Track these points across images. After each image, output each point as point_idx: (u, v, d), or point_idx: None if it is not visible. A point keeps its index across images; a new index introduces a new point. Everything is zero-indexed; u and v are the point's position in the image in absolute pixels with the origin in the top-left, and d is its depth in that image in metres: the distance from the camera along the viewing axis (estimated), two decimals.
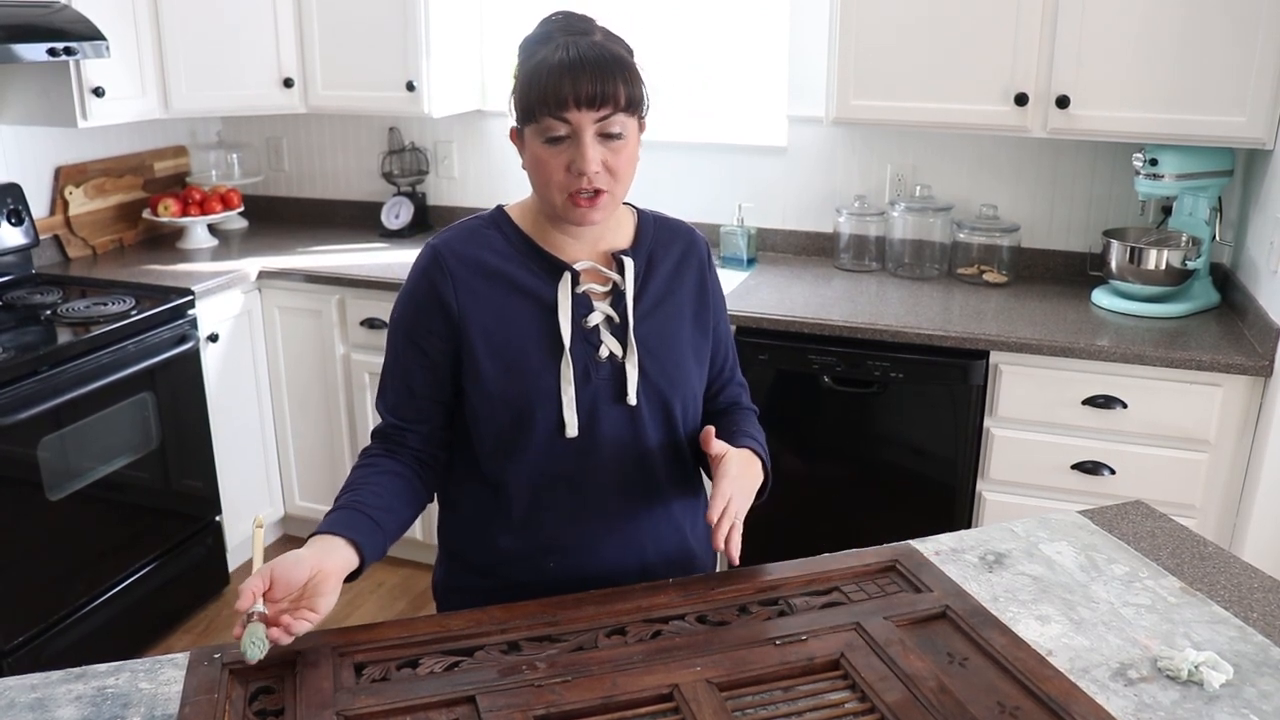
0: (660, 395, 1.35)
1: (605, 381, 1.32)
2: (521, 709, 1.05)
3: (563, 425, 1.31)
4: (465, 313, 1.31)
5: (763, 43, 3.19)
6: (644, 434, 1.35)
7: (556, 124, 1.23)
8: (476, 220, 1.37)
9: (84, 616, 2.63)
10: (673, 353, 1.36)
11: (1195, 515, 2.41)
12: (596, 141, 1.23)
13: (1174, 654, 1.17)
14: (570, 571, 1.35)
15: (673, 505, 1.41)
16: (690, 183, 3.30)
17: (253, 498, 3.22)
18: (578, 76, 1.21)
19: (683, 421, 1.39)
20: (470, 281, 1.31)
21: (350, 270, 3.08)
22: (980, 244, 2.96)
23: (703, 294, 1.42)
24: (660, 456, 1.37)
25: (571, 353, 1.30)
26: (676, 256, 1.40)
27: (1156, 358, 2.35)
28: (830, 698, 1.08)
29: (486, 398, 1.32)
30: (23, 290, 2.90)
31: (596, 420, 1.32)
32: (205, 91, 3.15)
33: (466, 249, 1.33)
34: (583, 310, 1.32)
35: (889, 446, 2.65)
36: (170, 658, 1.18)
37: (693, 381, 1.39)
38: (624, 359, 1.32)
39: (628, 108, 1.24)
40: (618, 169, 1.26)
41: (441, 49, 3.18)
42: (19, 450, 2.42)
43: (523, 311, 1.31)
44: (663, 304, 1.37)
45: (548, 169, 1.25)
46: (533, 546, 1.36)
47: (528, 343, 1.30)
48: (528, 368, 1.30)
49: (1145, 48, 2.46)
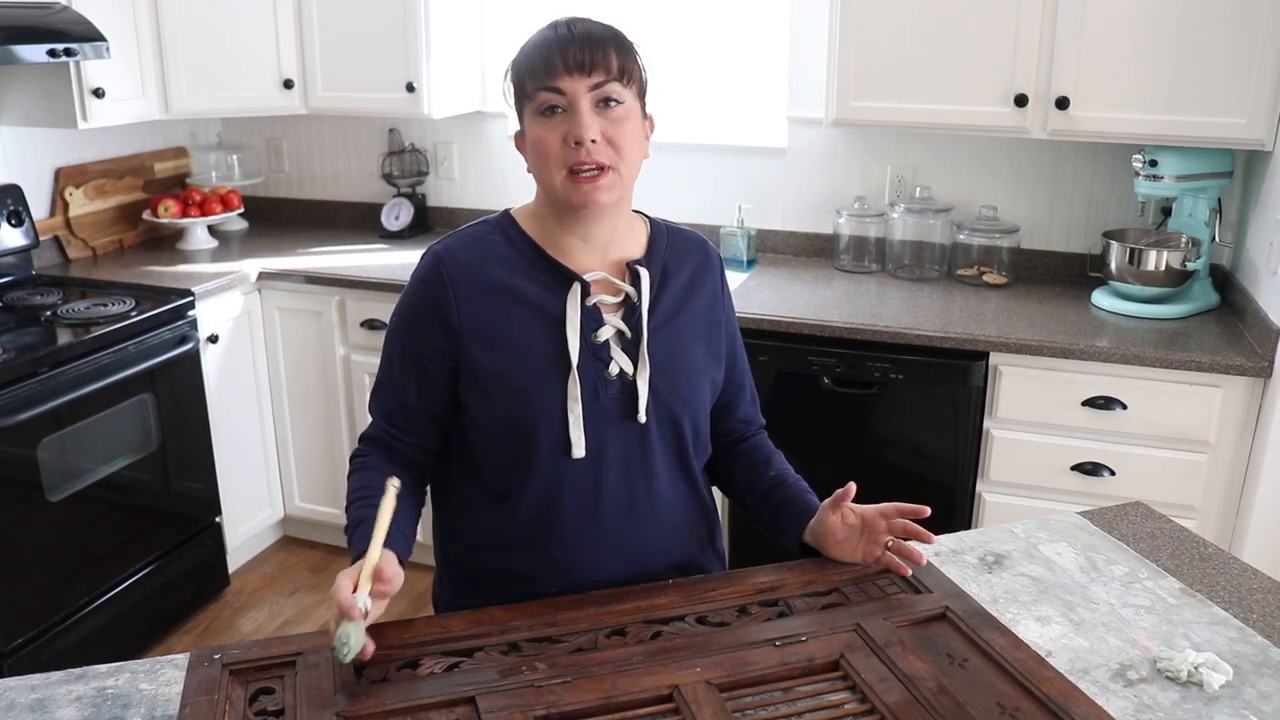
0: (671, 413, 1.30)
1: (614, 400, 1.27)
2: (522, 710, 1.05)
3: (568, 445, 1.25)
4: (466, 327, 1.26)
5: (763, 43, 3.19)
6: (652, 453, 1.30)
7: (550, 95, 1.21)
8: (482, 225, 1.32)
9: (84, 617, 2.63)
10: (684, 369, 1.32)
11: (1195, 516, 2.41)
12: (593, 110, 1.21)
13: (1174, 655, 1.17)
14: (575, 591, 1.30)
15: (680, 525, 1.37)
16: (690, 184, 3.30)
17: (253, 498, 3.23)
18: (566, 45, 1.20)
19: (692, 441, 1.35)
20: (472, 293, 1.26)
21: (350, 271, 3.08)
22: (980, 245, 2.97)
23: (715, 311, 1.38)
24: (668, 476, 1.33)
25: (579, 370, 1.25)
26: (691, 270, 1.36)
27: (1156, 359, 2.35)
28: (830, 699, 1.08)
29: (488, 415, 1.27)
30: (23, 291, 2.91)
31: (605, 440, 1.27)
32: (205, 93, 3.15)
33: (470, 257, 1.28)
34: (592, 324, 1.27)
35: (889, 447, 2.65)
36: (170, 658, 1.18)
37: (704, 400, 1.35)
38: (635, 375, 1.28)
39: (621, 76, 1.22)
40: (619, 141, 1.22)
41: (442, 50, 3.18)
42: (19, 451, 2.42)
43: (528, 325, 1.26)
44: (676, 319, 1.32)
45: (545, 145, 1.22)
46: (537, 567, 1.31)
47: (532, 359, 1.25)
48: (532, 386, 1.25)
49: (1145, 49, 2.47)
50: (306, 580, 3.24)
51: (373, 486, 1.25)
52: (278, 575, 3.27)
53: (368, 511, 1.21)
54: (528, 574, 1.32)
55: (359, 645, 1.07)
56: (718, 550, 1.47)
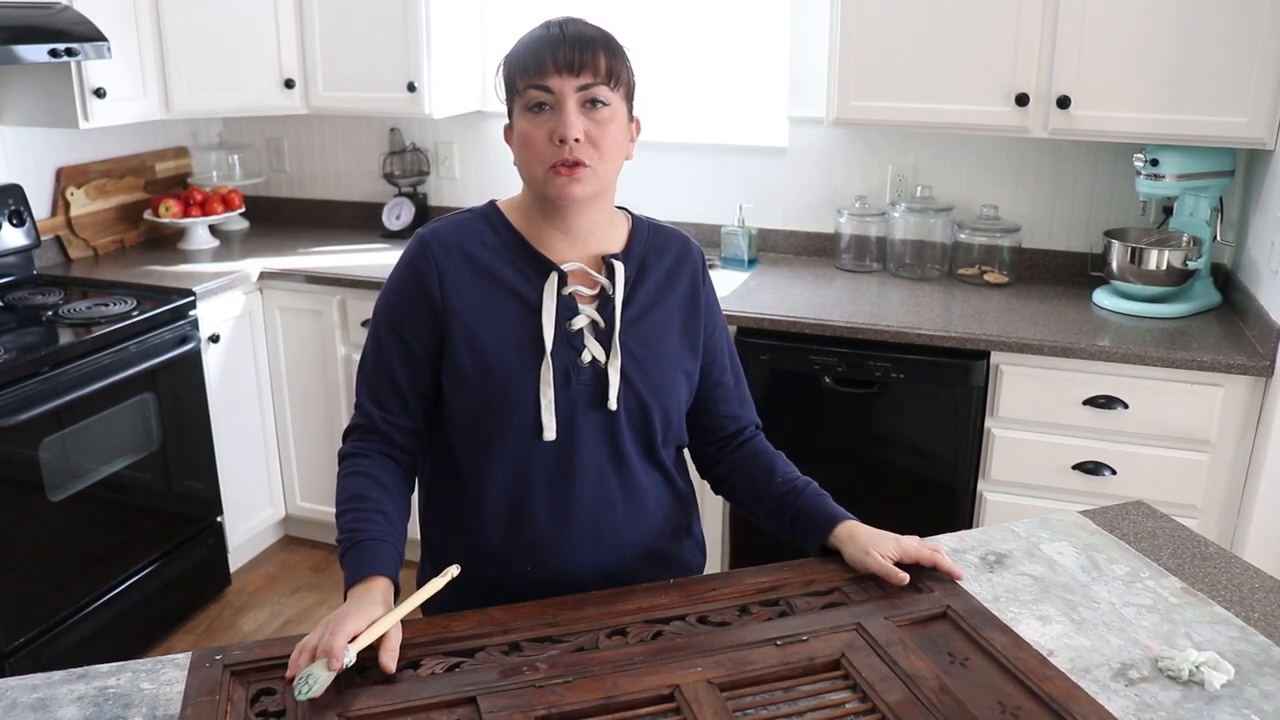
0: (641, 402, 1.33)
1: (585, 386, 1.31)
2: (522, 710, 1.05)
3: (540, 428, 1.29)
4: (449, 307, 1.30)
5: (763, 43, 3.19)
6: (623, 441, 1.33)
7: (538, 93, 1.24)
8: (468, 213, 1.37)
9: (85, 617, 2.63)
10: (657, 361, 1.35)
11: (1196, 515, 2.41)
12: (579, 110, 1.24)
13: (1175, 654, 1.17)
14: (548, 574, 1.34)
15: (652, 510, 1.39)
16: (691, 183, 3.30)
17: (254, 498, 3.23)
18: (556, 45, 1.24)
19: (661, 430, 1.37)
20: (456, 275, 1.30)
21: (351, 271, 3.08)
22: (981, 244, 2.97)
23: (694, 304, 1.40)
24: (639, 462, 1.36)
25: (553, 356, 1.29)
26: (669, 264, 1.39)
27: (1157, 358, 2.35)
28: (831, 698, 1.08)
29: (463, 395, 1.31)
30: (24, 291, 2.91)
31: (575, 425, 1.31)
32: (206, 93, 3.15)
33: (456, 242, 1.32)
34: (567, 313, 1.31)
35: (890, 447, 2.65)
36: (172, 658, 1.18)
37: (676, 392, 1.37)
38: (607, 364, 1.31)
39: (609, 78, 1.25)
40: (601, 142, 1.25)
41: (442, 50, 3.18)
42: (20, 451, 2.42)
43: (506, 309, 1.30)
44: (651, 311, 1.35)
45: (531, 141, 1.26)
46: (510, 548, 1.34)
47: (508, 342, 1.29)
48: (506, 367, 1.29)
49: (1146, 48, 2.46)
50: (308, 580, 3.24)
51: (366, 496, 1.29)
52: (279, 575, 3.27)
53: (363, 526, 1.25)
54: (500, 557, 1.34)
55: (319, 691, 1.06)
56: (696, 537, 1.49)
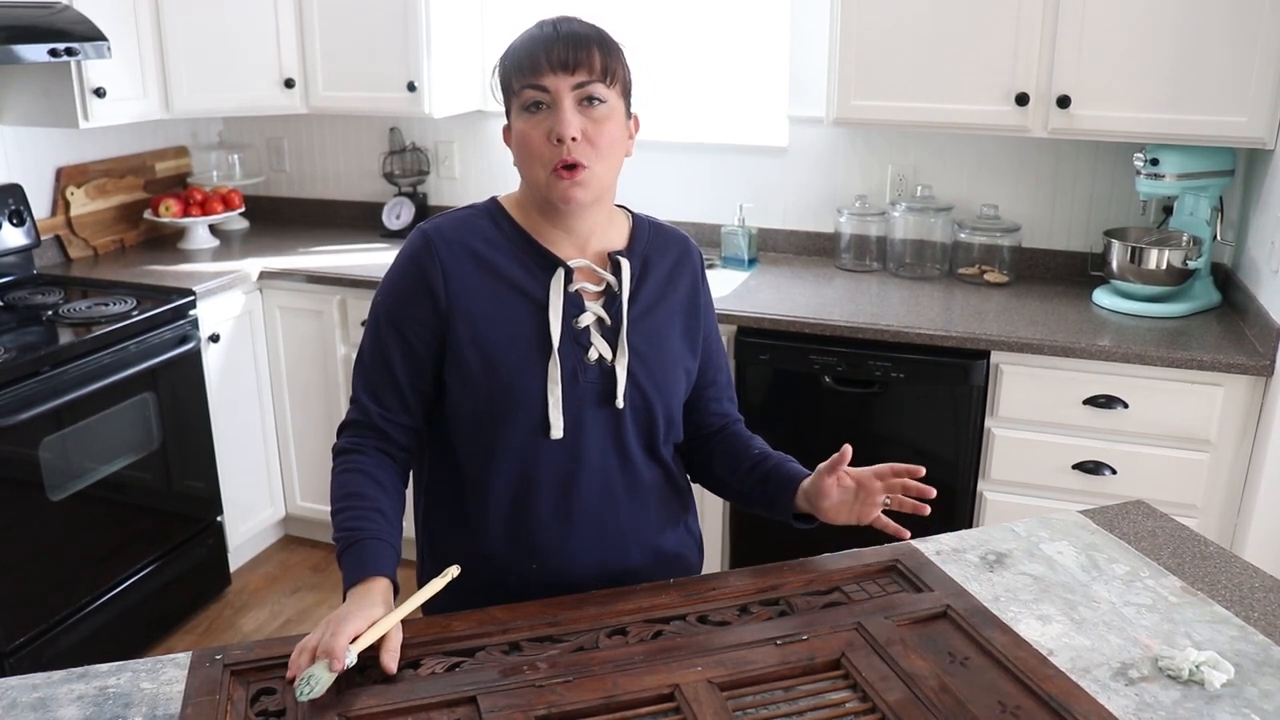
0: (645, 400, 1.33)
1: (592, 384, 1.31)
2: (523, 709, 1.05)
3: (546, 426, 1.29)
4: (453, 303, 1.28)
5: (763, 42, 3.19)
6: (628, 437, 1.34)
7: (534, 92, 1.24)
8: (470, 209, 1.36)
9: (85, 617, 2.63)
10: (661, 359, 1.35)
11: (1196, 515, 2.41)
12: (576, 108, 1.24)
13: (1175, 653, 1.17)
14: (553, 573, 1.33)
15: (656, 508, 1.40)
16: (691, 183, 3.30)
17: (254, 498, 3.23)
18: (551, 43, 1.23)
19: (664, 427, 1.37)
20: (460, 271, 1.29)
21: (351, 270, 3.08)
22: (981, 244, 2.97)
23: (694, 304, 1.41)
24: (642, 460, 1.36)
25: (560, 353, 1.28)
26: (670, 263, 1.39)
27: (1157, 358, 2.35)
28: (831, 697, 1.08)
29: (468, 393, 1.30)
30: (24, 291, 2.91)
31: (582, 423, 1.30)
32: (206, 92, 3.15)
33: (458, 237, 1.31)
34: (574, 310, 1.30)
35: (890, 447, 2.65)
36: (172, 658, 1.18)
37: (678, 389, 1.38)
38: (614, 361, 1.31)
39: (605, 76, 1.25)
40: (598, 142, 1.25)
41: (442, 49, 3.18)
42: (20, 451, 2.42)
43: (512, 306, 1.29)
44: (654, 309, 1.36)
45: (530, 141, 1.25)
46: (515, 547, 1.33)
47: (515, 339, 1.28)
48: (512, 365, 1.28)
49: (1146, 47, 2.46)
50: (308, 579, 3.24)
51: (364, 494, 1.27)
52: (279, 574, 3.27)
53: (362, 525, 1.23)
54: (504, 555, 1.34)
55: (321, 692, 1.06)
56: (693, 531, 1.49)
